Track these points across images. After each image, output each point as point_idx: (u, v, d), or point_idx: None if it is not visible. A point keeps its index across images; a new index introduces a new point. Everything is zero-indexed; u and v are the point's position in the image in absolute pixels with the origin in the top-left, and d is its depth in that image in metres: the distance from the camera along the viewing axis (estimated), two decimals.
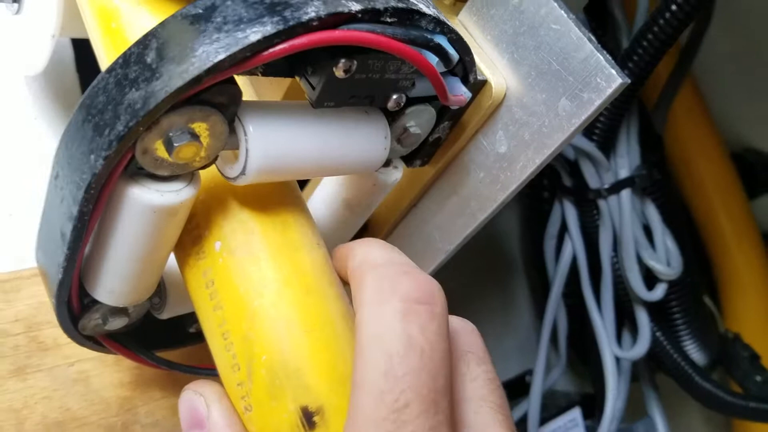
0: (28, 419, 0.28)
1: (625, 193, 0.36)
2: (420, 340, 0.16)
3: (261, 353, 0.19)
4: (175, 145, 0.16)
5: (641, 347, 0.40)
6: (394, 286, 0.17)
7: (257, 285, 0.20)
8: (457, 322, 0.20)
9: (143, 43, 0.16)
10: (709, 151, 0.57)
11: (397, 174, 0.25)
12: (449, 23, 0.19)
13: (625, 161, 0.36)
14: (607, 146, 0.36)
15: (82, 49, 0.36)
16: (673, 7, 0.28)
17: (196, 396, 0.20)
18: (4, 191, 0.32)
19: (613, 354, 0.40)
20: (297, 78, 0.19)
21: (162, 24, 0.16)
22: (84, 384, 0.29)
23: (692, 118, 0.56)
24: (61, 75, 0.35)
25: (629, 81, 0.21)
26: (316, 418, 0.18)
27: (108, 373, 0.30)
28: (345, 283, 0.21)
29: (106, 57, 0.22)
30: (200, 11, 0.16)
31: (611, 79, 0.21)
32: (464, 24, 0.25)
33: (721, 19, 0.46)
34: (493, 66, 0.24)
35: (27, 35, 0.28)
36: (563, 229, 0.41)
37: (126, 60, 0.16)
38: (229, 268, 0.20)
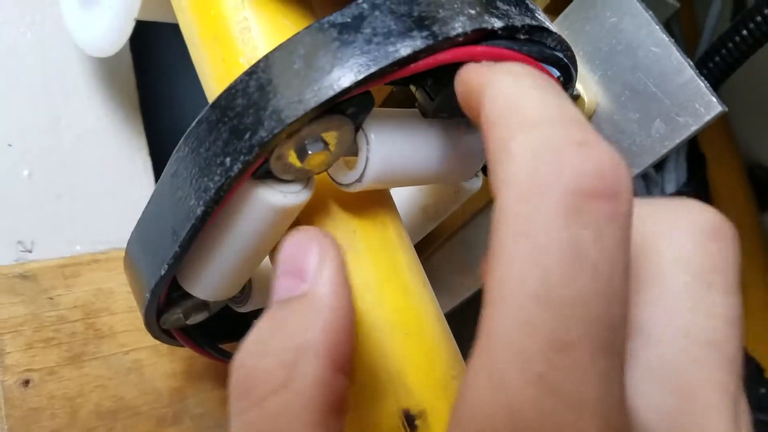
0: (83, 407, 0.28)
1: None
2: (593, 253, 0.11)
3: (362, 354, 0.19)
4: (309, 153, 0.16)
5: None
6: (559, 166, 0.12)
7: (360, 285, 0.19)
8: (713, 222, 0.14)
9: (288, 48, 0.16)
10: (726, 164, 0.58)
11: (478, 182, 0.25)
12: (567, 41, 0.19)
13: (673, 177, 0.36)
14: (658, 162, 0.36)
15: (137, 29, 0.35)
16: (750, 27, 0.29)
17: (312, 243, 0.15)
18: (52, 171, 0.32)
19: None
20: (412, 87, 0.19)
21: (308, 30, 0.16)
22: (138, 373, 0.29)
23: (714, 131, 0.57)
24: (115, 55, 0.34)
25: (726, 110, 0.22)
26: (418, 422, 0.18)
27: (161, 362, 0.30)
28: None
29: (202, 43, 0.22)
30: (348, 20, 0.16)
31: (710, 107, 0.21)
32: None
33: None
34: (584, 81, 0.24)
35: (101, 16, 0.27)
36: None
37: (269, 65, 0.16)
38: None
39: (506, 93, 0.13)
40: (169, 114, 0.37)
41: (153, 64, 0.37)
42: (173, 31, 0.24)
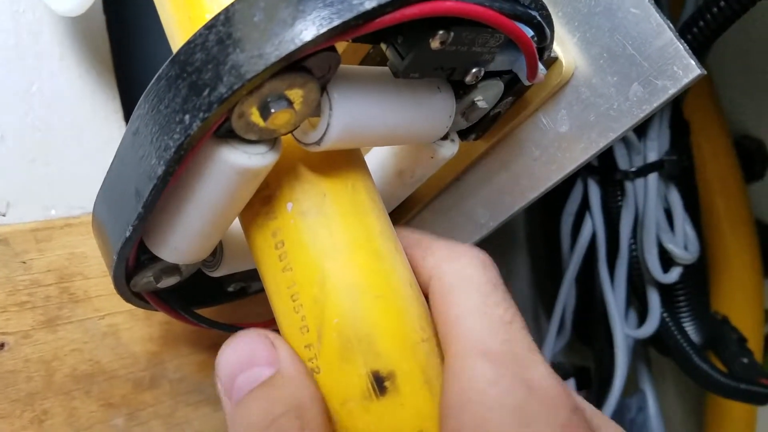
0: (58, 371, 0.28)
1: (652, 177, 0.36)
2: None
3: (332, 316, 0.19)
4: (272, 111, 0.16)
5: (650, 327, 0.41)
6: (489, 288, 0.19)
7: (329, 248, 0.19)
8: (483, 254, 0.21)
9: (249, 0, 0.15)
10: (713, 134, 0.57)
11: (454, 148, 0.24)
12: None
13: (655, 144, 0.36)
14: (640, 128, 0.36)
15: None
16: None
17: (260, 337, 0.19)
18: (26, 135, 0.31)
19: (624, 333, 0.41)
20: (383, 45, 0.19)
21: None
22: (114, 337, 0.29)
23: (701, 101, 0.56)
24: (89, 16, 0.33)
25: (705, 73, 0.21)
26: (387, 383, 0.18)
27: (138, 327, 0.30)
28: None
29: (169, 1, 0.21)
30: None
31: (689, 70, 0.21)
32: None
33: None
34: (563, 43, 0.23)
35: None
36: (581, 207, 0.42)
37: (229, 17, 0.15)
38: (300, 230, 0.19)
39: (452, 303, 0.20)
40: (143, 76, 0.36)
41: (127, 25, 0.36)
42: None
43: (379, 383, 0.18)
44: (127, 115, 0.33)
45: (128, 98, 0.34)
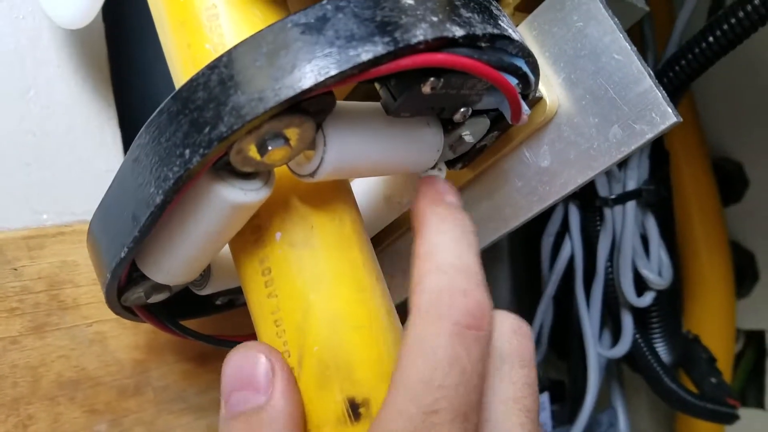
0: (44, 377, 0.28)
1: (630, 205, 0.37)
2: (464, 361, 0.18)
3: (313, 344, 0.20)
4: (269, 148, 0.17)
5: (622, 347, 0.42)
6: (451, 305, 0.18)
7: (314, 279, 0.20)
8: (515, 324, 0.21)
9: (251, 44, 0.16)
10: (692, 157, 0.59)
11: (441, 176, 0.25)
12: (529, 48, 0.20)
13: (635, 174, 0.37)
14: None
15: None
16: (725, 26, 0.29)
17: (262, 360, 0.19)
18: (20, 140, 0.32)
19: (597, 352, 0.42)
20: (376, 85, 0.20)
21: (271, 28, 0.16)
22: (101, 345, 0.30)
23: (682, 124, 0.57)
24: (88, 25, 0.34)
25: (681, 120, 0.22)
26: (361, 410, 0.19)
27: (125, 335, 0.30)
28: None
29: (169, 27, 0.22)
30: (312, 21, 0.16)
31: (666, 117, 0.22)
32: (523, 37, 0.25)
33: None
34: (548, 83, 0.24)
35: None
36: (562, 228, 0.43)
37: (231, 60, 0.16)
38: (288, 260, 0.20)
39: (435, 230, 0.20)
40: (139, 85, 0.37)
41: (125, 35, 0.37)
42: (147, 3, 0.24)
43: (354, 409, 0.19)
44: (122, 124, 0.34)
45: (124, 107, 0.34)
